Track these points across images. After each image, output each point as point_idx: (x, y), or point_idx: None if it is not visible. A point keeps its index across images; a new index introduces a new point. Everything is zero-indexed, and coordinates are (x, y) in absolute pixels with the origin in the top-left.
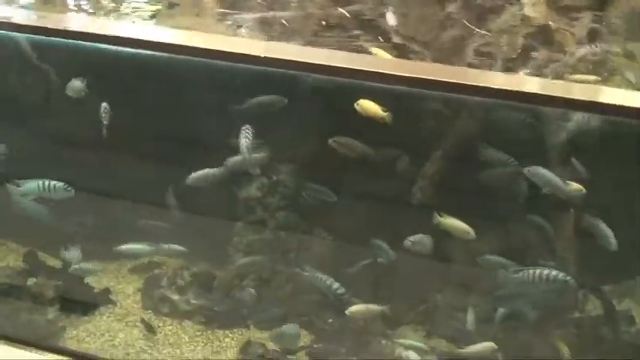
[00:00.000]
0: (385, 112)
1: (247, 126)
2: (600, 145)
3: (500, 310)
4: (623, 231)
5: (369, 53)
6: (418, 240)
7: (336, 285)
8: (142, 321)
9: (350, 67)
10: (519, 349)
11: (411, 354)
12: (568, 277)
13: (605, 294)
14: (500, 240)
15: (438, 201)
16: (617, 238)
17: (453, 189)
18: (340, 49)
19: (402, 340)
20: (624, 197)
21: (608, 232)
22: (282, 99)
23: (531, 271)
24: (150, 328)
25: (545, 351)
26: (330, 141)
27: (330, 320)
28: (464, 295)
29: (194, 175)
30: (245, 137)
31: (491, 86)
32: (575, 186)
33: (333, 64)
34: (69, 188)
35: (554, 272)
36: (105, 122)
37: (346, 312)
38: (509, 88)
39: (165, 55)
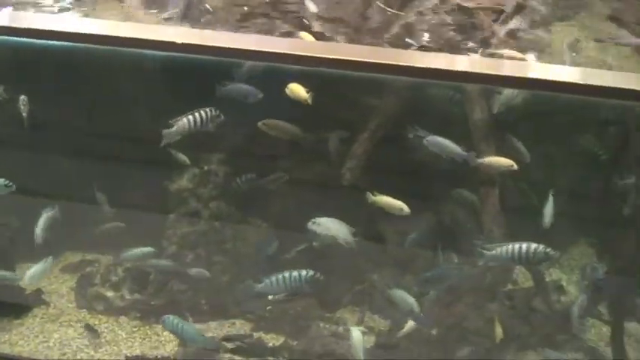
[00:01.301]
0: (308, 92)
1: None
2: (529, 120)
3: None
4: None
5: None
6: (321, 222)
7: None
8: (86, 327)
9: (279, 51)
10: (455, 324)
11: (354, 331)
12: (548, 249)
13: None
14: (432, 217)
15: (367, 180)
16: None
17: (382, 168)
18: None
19: None
20: (554, 171)
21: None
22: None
23: (510, 247)
24: (94, 333)
25: (480, 324)
26: (259, 124)
27: (269, 307)
28: (399, 275)
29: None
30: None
31: (422, 66)
32: (504, 161)
33: (263, 49)
34: (10, 184)
35: (533, 245)
36: (24, 114)
37: None
38: (440, 68)
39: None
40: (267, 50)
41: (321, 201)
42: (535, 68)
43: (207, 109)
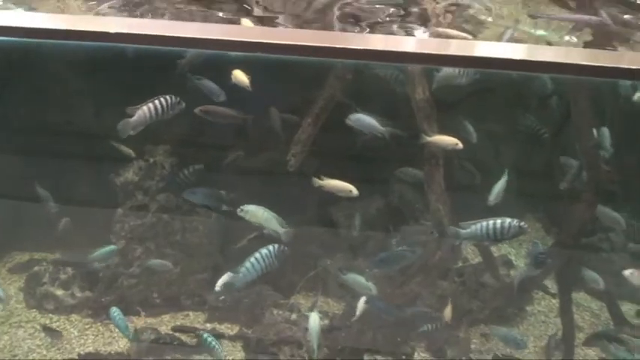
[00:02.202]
0: (247, 77)
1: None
2: (473, 99)
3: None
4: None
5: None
6: (249, 209)
7: None
8: (45, 329)
9: (222, 38)
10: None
11: (312, 316)
12: (522, 223)
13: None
14: (380, 198)
15: (313, 165)
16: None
17: (327, 153)
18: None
19: None
20: (497, 147)
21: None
22: None
23: (484, 223)
24: (55, 333)
25: (433, 302)
26: (195, 110)
27: (222, 297)
28: (351, 259)
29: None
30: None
31: (368, 48)
32: (450, 140)
33: (205, 37)
34: None
35: (508, 220)
36: None
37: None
38: (388, 49)
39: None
40: (207, 37)
41: (270, 188)
42: (478, 46)
43: (168, 97)
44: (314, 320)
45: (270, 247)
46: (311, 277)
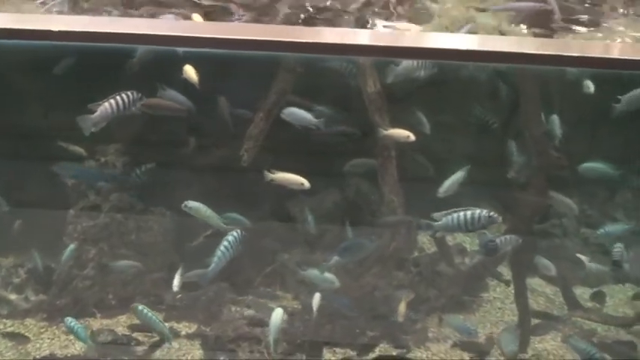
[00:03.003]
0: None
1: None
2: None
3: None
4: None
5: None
6: (192, 205)
7: None
8: (10, 335)
9: (173, 34)
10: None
11: (278, 310)
12: (492, 214)
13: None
14: (336, 192)
15: (266, 160)
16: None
17: (280, 147)
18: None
19: None
20: (449, 137)
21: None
22: None
23: (455, 215)
24: (23, 338)
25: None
26: (140, 105)
27: (179, 296)
28: (309, 253)
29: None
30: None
31: (320, 41)
32: (402, 133)
33: (156, 33)
34: None
35: (477, 211)
36: None
37: None
38: (334, 42)
39: None
40: (156, 34)
41: (225, 185)
42: (431, 38)
43: (129, 92)
44: (277, 315)
45: (234, 233)
46: (269, 272)
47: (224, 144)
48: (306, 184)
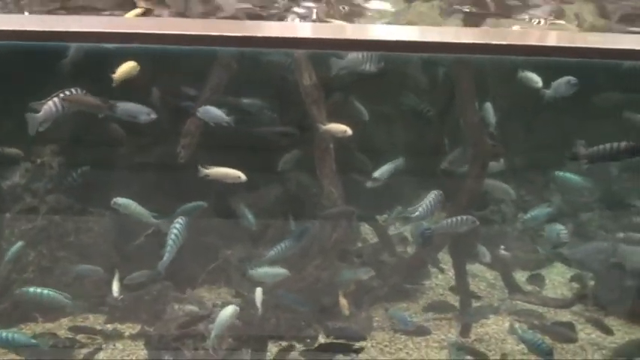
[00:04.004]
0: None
1: None
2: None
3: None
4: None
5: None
6: (121, 202)
7: None
8: None
9: (109, 31)
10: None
11: (229, 307)
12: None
13: (379, 222)
14: (278, 186)
15: (205, 156)
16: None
17: (219, 143)
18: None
19: None
20: (387, 128)
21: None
22: None
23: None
24: None
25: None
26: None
27: (121, 297)
28: (252, 248)
29: None
30: None
31: (270, 35)
32: (339, 127)
33: (85, 30)
34: None
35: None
36: None
37: None
38: (275, 36)
39: None
40: (89, 30)
41: (165, 182)
42: (372, 30)
43: (73, 90)
44: (225, 312)
45: (180, 221)
46: (213, 269)
47: (163, 141)
48: (243, 176)
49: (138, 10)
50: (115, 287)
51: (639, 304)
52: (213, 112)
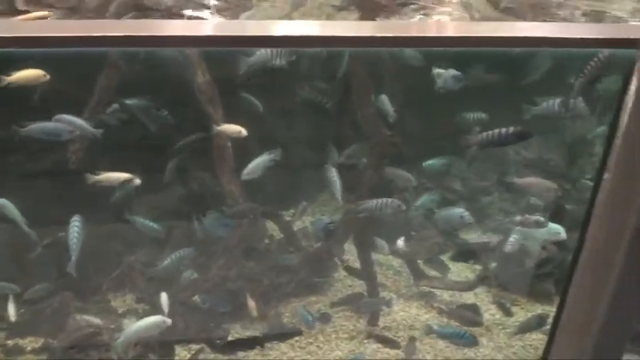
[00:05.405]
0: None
1: None
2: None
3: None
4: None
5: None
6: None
7: None
8: None
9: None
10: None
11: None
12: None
13: (283, 218)
14: (181, 187)
15: (101, 160)
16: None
17: (116, 146)
18: None
19: None
20: (287, 122)
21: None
22: None
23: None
24: None
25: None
26: None
27: (22, 310)
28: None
29: None
30: None
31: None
32: (234, 128)
33: None
34: None
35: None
36: None
37: None
38: (182, 35)
39: None
40: None
41: (63, 189)
42: (272, 26)
43: None
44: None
45: (76, 219)
46: (116, 276)
47: (55, 147)
48: (136, 180)
49: (39, 14)
50: (11, 311)
51: (538, 282)
52: (76, 123)
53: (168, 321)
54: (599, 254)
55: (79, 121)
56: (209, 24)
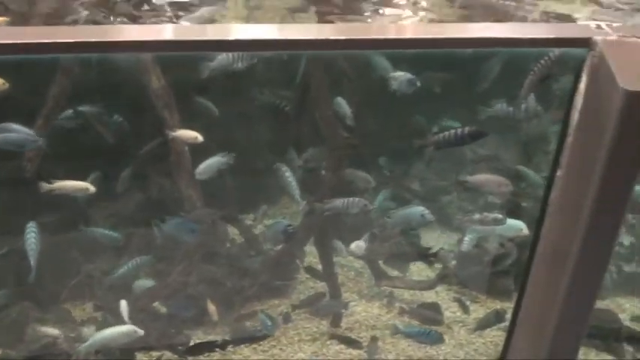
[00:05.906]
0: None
1: None
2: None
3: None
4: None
5: None
6: None
7: None
8: None
9: None
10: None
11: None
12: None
13: (244, 222)
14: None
15: (57, 167)
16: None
17: (72, 153)
18: None
19: None
20: (247, 125)
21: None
22: None
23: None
24: None
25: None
26: None
27: None
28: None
29: None
30: None
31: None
32: (190, 134)
33: None
34: None
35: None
36: None
37: None
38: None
39: None
40: None
41: (18, 198)
42: (233, 30)
43: None
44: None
45: (31, 227)
46: (75, 284)
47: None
48: (91, 188)
49: None
50: None
51: (497, 279)
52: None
53: (140, 332)
54: (554, 251)
55: (23, 129)
56: (165, 28)
